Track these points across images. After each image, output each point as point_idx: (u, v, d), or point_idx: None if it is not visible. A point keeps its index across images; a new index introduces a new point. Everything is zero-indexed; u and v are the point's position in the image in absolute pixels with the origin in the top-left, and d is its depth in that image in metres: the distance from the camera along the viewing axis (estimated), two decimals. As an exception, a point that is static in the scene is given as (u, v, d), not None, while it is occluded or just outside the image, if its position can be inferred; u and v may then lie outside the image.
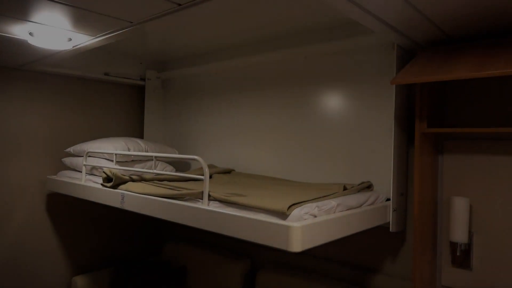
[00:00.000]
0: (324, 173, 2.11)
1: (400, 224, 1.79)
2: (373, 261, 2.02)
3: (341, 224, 1.38)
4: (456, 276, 1.75)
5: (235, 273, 2.34)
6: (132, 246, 3.06)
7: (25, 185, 2.49)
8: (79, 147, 2.34)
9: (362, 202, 1.57)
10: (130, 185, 1.86)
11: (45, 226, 2.59)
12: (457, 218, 1.65)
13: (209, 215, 1.42)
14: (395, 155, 1.70)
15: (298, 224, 1.19)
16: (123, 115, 3.00)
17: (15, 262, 2.45)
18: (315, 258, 2.20)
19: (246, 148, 2.48)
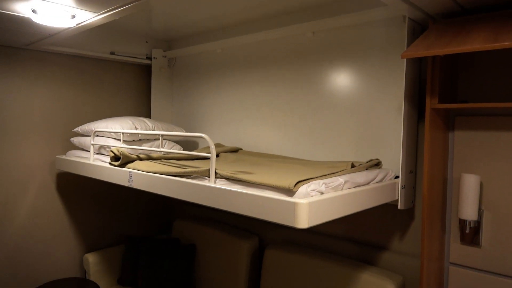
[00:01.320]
0: (332, 151, 2.09)
1: (408, 201, 1.78)
2: (381, 238, 2.02)
3: (349, 201, 1.37)
4: (464, 254, 1.75)
5: (243, 250, 2.36)
6: (141, 224, 3.11)
7: (35, 165, 2.52)
8: (87, 126, 2.35)
9: (370, 179, 1.55)
10: (137, 164, 1.86)
11: (56, 205, 2.63)
12: (467, 195, 1.63)
13: (216, 192, 1.42)
14: (404, 132, 1.67)
15: (305, 201, 1.18)
16: (130, 95, 2.99)
17: (28, 240, 2.50)
18: (322, 236, 2.21)
19: (254, 126, 2.46)
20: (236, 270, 2.37)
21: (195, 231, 2.68)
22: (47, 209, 2.58)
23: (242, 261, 2.36)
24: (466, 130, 1.73)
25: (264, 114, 2.40)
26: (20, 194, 2.47)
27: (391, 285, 1.76)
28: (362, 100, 1.97)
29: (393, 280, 1.79)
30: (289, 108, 2.27)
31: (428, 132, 1.58)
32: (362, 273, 1.85)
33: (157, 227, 3.22)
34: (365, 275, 1.84)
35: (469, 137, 1.72)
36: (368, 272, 1.85)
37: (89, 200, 2.80)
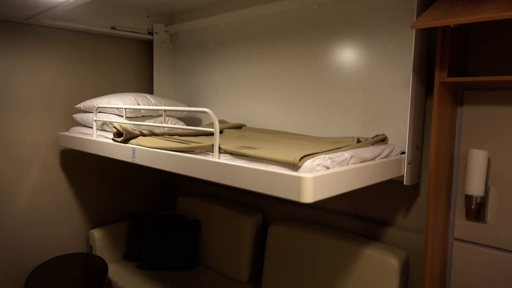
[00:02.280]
0: (338, 127, 2.06)
1: (414, 177, 1.76)
2: (385, 214, 2.02)
3: (354, 176, 1.35)
4: (469, 229, 1.74)
5: (247, 226, 2.38)
6: (146, 201, 3.13)
7: (38, 142, 2.51)
8: (89, 102, 2.32)
9: (376, 154, 1.53)
10: (140, 140, 1.85)
11: (61, 182, 2.64)
12: (474, 171, 1.61)
13: (219, 167, 1.40)
14: (412, 107, 1.64)
15: (310, 175, 1.16)
16: (132, 71, 2.95)
17: (34, 216, 2.52)
18: (326, 212, 2.21)
19: (257, 103, 2.43)
20: (240, 246, 2.39)
21: (199, 207, 2.69)
22: (51, 185, 2.59)
23: (246, 237, 2.37)
24: (474, 105, 1.70)
25: (268, 90, 2.36)
26: (25, 171, 2.47)
27: (394, 260, 1.77)
28: (368, 75, 1.93)
29: (397, 255, 1.80)
30: (294, 83, 2.23)
31: (436, 107, 1.55)
32: (366, 248, 1.86)
33: (161, 203, 3.24)
34: (369, 250, 1.85)
35: (478, 112, 1.69)
36: (372, 248, 1.85)
37: (94, 177, 2.81)
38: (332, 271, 1.95)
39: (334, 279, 1.94)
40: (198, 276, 2.48)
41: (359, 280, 1.85)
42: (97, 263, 2.43)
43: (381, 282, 1.78)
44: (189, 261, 2.56)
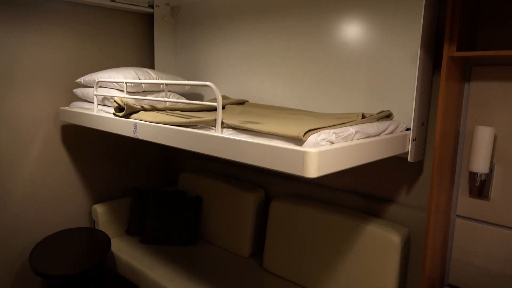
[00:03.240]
0: (342, 103, 2.03)
1: (418, 154, 1.74)
2: (388, 191, 2.01)
3: (359, 151, 1.33)
4: (472, 206, 1.74)
5: (249, 202, 2.38)
6: (148, 177, 3.13)
7: (39, 117, 2.49)
8: (89, 77, 2.29)
9: (381, 130, 1.51)
10: (142, 114, 1.83)
11: (62, 157, 2.63)
12: (479, 147, 1.59)
13: (222, 142, 1.39)
14: (418, 82, 1.61)
15: (315, 150, 1.15)
16: (133, 45, 2.90)
17: (37, 192, 2.53)
18: (328, 189, 2.21)
19: (261, 79, 2.39)
20: (242, 222, 2.40)
21: (201, 183, 2.69)
22: (53, 160, 2.59)
23: (248, 213, 2.38)
24: (483, 80, 1.66)
25: (271, 66, 2.32)
26: (26, 146, 2.46)
27: (396, 236, 1.77)
28: (374, 50, 1.88)
29: (398, 231, 1.80)
30: (298, 59, 2.18)
31: (443, 82, 1.52)
32: (367, 225, 1.86)
33: (163, 180, 3.25)
34: (370, 227, 1.85)
35: (486, 88, 1.65)
36: (373, 224, 1.86)
37: (96, 152, 2.80)
38: (333, 247, 1.96)
39: (335, 254, 1.95)
40: (200, 250, 2.51)
41: (360, 256, 1.87)
42: (100, 237, 2.46)
43: (382, 258, 1.80)
44: (191, 236, 2.58)
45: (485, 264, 1.72)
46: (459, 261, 1.79)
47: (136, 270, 2.29)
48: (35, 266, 2.08)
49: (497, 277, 1.69)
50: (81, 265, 2.11)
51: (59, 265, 2.10)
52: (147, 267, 2.27)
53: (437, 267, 1.74)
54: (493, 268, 1.69)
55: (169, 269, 2.25)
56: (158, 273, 2.21)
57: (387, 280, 1.78)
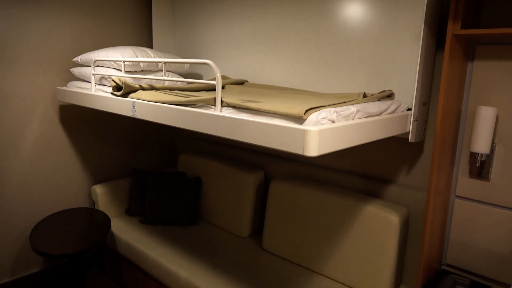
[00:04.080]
0: (343, 83, 2.00)
1: (419, 134, 1.73)
2: (387, 172, 2.01)
3: (360, 130, 1.32)
4: (472, 187, 1.74)
5: (248, 183, 2.38)
6: (147, 158, 3.13)
7: (36, 97, 2.46)
8: (86, 56, 2.25)
9: (382, 110, 1.49)
10: (140, 94, 1.80)
11: (61, 138, 2.61)
12: (481, 128, 1.57)
13: (222, 121, 1.37)
14: (421, 61, 1.58)
15: (315, 129, 1.13)
16: (131, 24, 2.84)
17: (36, 172, 2.52)
18: (328, 170, 2.21)
19: (260, 59, 2.35)
20: (242, 203, 2.41)
21: (200, 165, 2.69)
22: (52, 141, 2.57)
23: (247, 194, 2.39)
24: (486, 60, 1.63)
25: (271, 46, 2.28)
26: (24, 127, 2.44)
27: (395, 216, 1.78)
28: (376, 29, 1.84)
29: (397, 212, 1.81)
30: (298, 38, 2.14)
31: (446, 61, 1.49)
32: (367, 205, 1.87)
33: (162, 161, 3.24)
34: (369, 207, 1.85)
35: (489, 68, 1.63)
36: (373, 204, 1.86)
37: (95, 133, 2.78)
38: (332, 227, 1.97)
39: (334, 235, 1.96)
40: (200, 231, 2.52)
41: (359, 236, 1.88)
42: (100, 217, 2.47)
43: (381, 238, 1.81)
44: (191, 217, 2.59)
45: (483, 244, 1.73)
46: (457, 242, 1.80)
47: (137, 250, 2.31)
48: (35, 245, 2.09)
49: (495, 257, 1.70)
50: (82, 244, 2.12)
51: (59, 244, 2.11)
52: (148, 247, 2.28)
53: (435, 247, 1.75)
54: (491, 248, 1.71)
55: (169, 249, 2.27)
56: (158, 252, 2.22)
57: (385, 259, 1.80)
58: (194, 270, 2.04)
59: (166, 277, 2.11)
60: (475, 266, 1.76)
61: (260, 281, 1.95)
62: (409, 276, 1.94)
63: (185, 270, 2.04)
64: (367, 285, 1.85)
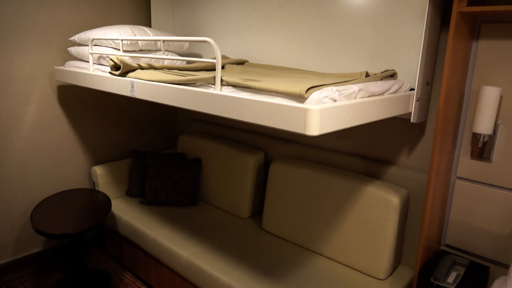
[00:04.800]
0: (345, 63, 1.97)
1: (422, 115, 1.71)
2: (388, 153, 2.00)
3: (362, 110, 1.30)
4: (473, 168, 1.73)
5: (248, 164, 2.38)
6: (146, 139, 3.12)
7: (33, 77, 2.43)
8: (84, 35, 2.21)
9: (385, 89, 1.47)
10: (139, 73, 1.77)
11: (60, 119, 2.59)
12: (484, 108, 1.55)
13: (222, 100, 1.35)
14: (425, 40, 1.55)
15: (317, 107, 1.11)
16: (129, 2, 2.78)
17: (35, 153, 2.51)
18: (329, 151, 2.20)
19: (261, 38, 2.31)
20: (242, 184, 2.41)
21: (200, 146, 2.68)
22: (50, 122, 2.55)
23: (247, 175, 2.38)
24: (492, 38, 1.60)
25: (272, 25, 2.23)
26: (22, 107, 2.42)
27: (395, 197, 1.78)
28: (378, 7, 1.80)
29: (398, 193, 1.80)
30: (299, 18, 2.10)
31: (451, 40, 1.46)
32: (367, 186, 1.86)
33: (162, 142, 3.23)
34: (370, 188, 1.85)
35: (494, 47, 1.60)
36: (373, 185, 1.86)
37: (94, 114, 2.76)
38: (332, 208, 1.97)
39: (334, 215, 1.96)
40: (200, 212, 2.53)
41: (359, 217, 1.88)
42: (101, 198, 2.47)
43: (380, 219, 1.81)
44: (191, 198, 2.60)
45: (483, 225, 1.73)
46: (457, 222, 1.81)
47: (137, 230, 2.32)
48: (36, 225, 2.10)
49: (495, 238, 1.71)
50: (82, 224, 2.13)
51: (60, 224, 2.12)
52: (148, 227, 2.29)
53: (435, 228, 1.76)
54: (491, 229, 1.71)
55: (169, 229, 2.28)
56: (158, 233, 2.23)
57: (384, 240, 1.80)
58: (194, 250, 2.05)
59: (166, 257, 2.13)
60: (475, 246, 1.77)
61: (260, 261, 1.96)
62: (408, 256, 1.95)
63: (185, 250, 2.06)
64: (366, 265, 1.87)
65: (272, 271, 1.87)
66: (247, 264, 1.93)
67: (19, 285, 2.42)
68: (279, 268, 1.91)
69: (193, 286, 2.03)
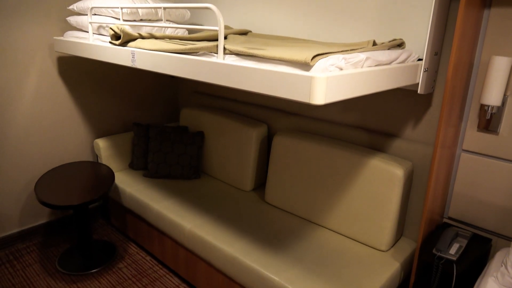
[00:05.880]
0: (351, 32, 1.91)
1: (429, 86, 1.67)
2: (393, 126, 1.97)
3: (369, 79, 1.27)
4: (479, 141, 1.70)
5: (251, 137, 2.36)
6: (149, 112, 3.09)
7: (32, 48, 2.38)
8: (82, 3, 2.15)
9: (392, 59, 1.43)
10: (140, 42, 1.73)
11: (60, 91, 2.56)
12: (494, 79, 1.52)
13: (225, 69, 1.32)
14: (435, 8, 1.49)
15: (323, 75, 1.08)
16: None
17: (36, 126, 2.50)
18: (332, 124, 2.17)
19: (264, 8, 2.24)
20: (245, 157, 2.40)
21: (202, 119, 2.66)
22: (51, 94, 2.53)
23: (250, 148, 2.37)
24: (504, 6, 1.54)
25: (277, -8, 2.16)
26: (22, 79, 2.38)
27: (399, 170, 1.76)
28: (389, -29, 1.73)
29: (402, 165, 1.79)
30: (305, -17, 2.03)
31: (462, 8, 1.40)
32: (371, 159, 1.85)
33: (164, 115, 3.21)
34: (373, 161, 1.84)
35: (506, 15, 1.54)
36: (377, 158, 1.84)
37: (95, 86, 2.73)
38: (336, 180, 1.96)
39: (337, 188, 1.96)
40: (203, 185, 2.53)
41: (362, 189, 1.87)
42: (104, 170, 2.47)
43: (384, 191, 1.80)
44: (194, 171, 2.60)
45: (487, 198, 1.72)
46: (461, 195, 1.80)
47: (141, 203, 2.33)
48: (41, 196, 2.11)
49: (498, 210, 1.70)
50: (86, 196, 2.14)
51: (64, 195, 2.13)
52: (151, 200, 2.30)
53: (438, 201, 1.75)
54: (495, 201, 1.70)
55: (172, 201, 2.29)
56: (162, 205, 2.25)
57: (387, 212, 1.80)
58: (198, 222, 2.07)
59: (170, 228, 2.14)
60: (478, 219, 1.77)
61: (262, 233, 1.97)
62: (411, 229, 1.96)
63: (189, 222, 2.07)
64: (368, 237, 1.88)
65: (275, 243, 1.89)
66: (250, 236, 1.94)
67: (26, 255, 2.47)
68: (282, 240, 1.92)
69: (196, 256, 2.06)
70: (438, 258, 1.58)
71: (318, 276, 1.66)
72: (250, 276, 1.74)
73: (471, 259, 1.59)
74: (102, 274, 2.31)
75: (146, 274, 2.32)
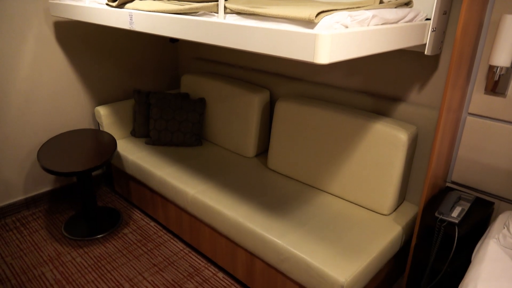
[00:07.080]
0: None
1: (436, 47, 1.62)
2: (398, 90, 1.93)
3: (375, 38, 1.22)
4: (486, 104, 1.67)
5: (253, 103, 2.33)
6: (149, 79, 3.05)
7: (27, 13, 2.31)
8: (77, -36, 2.06)
9: (399, 17, 1.37)
10: (137, 3, 1.67)
11: (59, 58, 2.51)
12: (504, 39, 1.46)
13: (225, 29, 1.27)
14: (446, -38, 1.42)
15: (328, 33, 1.04)
16: None
17: (36, 94, 2.47)
18: (336, 89, 2.13)
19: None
20: (247, 123, 2.38)
21: (204, 85, 2.62)
22: (50, 61, 2.48)
23: (252, 114, 2.35)
24: (519, -39, 1.47)
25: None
26: (19, 46, 2.33)
27: (403, 134, 1.74)
28: None
29: (406, 129, 1.77)
30: None
31: (475, -39, 1.34)
32: (375, 123, 1.82)
33: (164, 82, 3.16)
34: (377, 125, 1.81)
35: (521, -29, 1.47)
36: (381, 122, 1.82)
37: (94, 52, 2.67)
38: (339, 145, 1.95)
39: (340, 153, 1.95)
40: (205, 151, 2.53)
41: (366, 154, 1.86)
42: (106, 138, 2.46)
43: (387, 155, 1.79)
44: (196, 138, 2.59)
45: (491, 161, 1.71)
46: (465, 159, 1.79)
47: (143, 169, 2.34)
48: (44, 163, 2.11)
49: (502, 174, 1.70)
50: (89, 162, 2.14)
51: (67, 162, 2.14)
52: (154, 167, 2.31)
53: (442, 165, 1.74)
54: (499, 165, 1.69)
55: (175, 168, 2.29)
56: (165, 171, 2.25)
57: (390, 177, 1.80)
58: (200, 188, 2.08)
59: (173, 195, 2.16)
60: (481, 183, 1.77)
61: (265, 198, 1.98)
62: (413, 193, 1.96)
63: (192, 188, 2.08)
64: (371, 202, 1.89)
65: (277, 208, 1.90)
66: (253, 201, 1.95)
67: (32, 221, 2.51)
68: (284, 204, 1.93)
69: (200, 221, 2.08)
70: (440, 221, 1.59)
71: (322, 239, 1.67)
72: (253, 239, 1.76)
73: (473, 222, 1.59)
74: (107, 239, 2.35)
75: (151, 239, 2.36)
